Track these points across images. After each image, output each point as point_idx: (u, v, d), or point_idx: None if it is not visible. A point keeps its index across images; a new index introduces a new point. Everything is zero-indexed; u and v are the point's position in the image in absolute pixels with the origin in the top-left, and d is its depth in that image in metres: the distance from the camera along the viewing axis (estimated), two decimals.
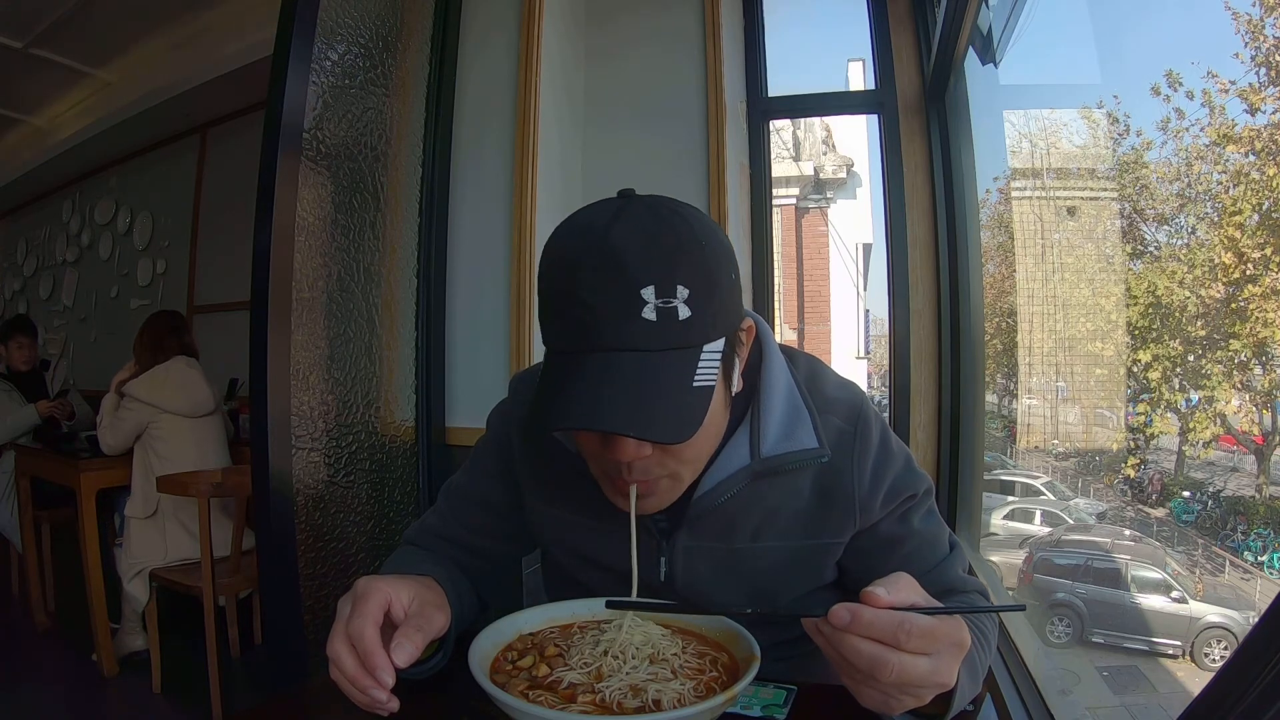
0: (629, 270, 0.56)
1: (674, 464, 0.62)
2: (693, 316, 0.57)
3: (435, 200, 1.94)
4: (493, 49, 1.97)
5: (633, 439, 0.57)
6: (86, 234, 4.74)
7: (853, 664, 0.49)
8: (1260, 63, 1.03)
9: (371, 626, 0.57)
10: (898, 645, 0.48)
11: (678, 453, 0.62)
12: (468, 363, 1.96)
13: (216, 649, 2.08)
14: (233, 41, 3.13)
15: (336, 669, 0.57)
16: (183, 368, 2.49)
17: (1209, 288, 1.22)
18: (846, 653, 0.49)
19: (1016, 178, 1.90)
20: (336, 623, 0.59)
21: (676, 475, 0.64)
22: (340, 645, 0.57)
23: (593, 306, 0.56)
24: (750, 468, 0.67)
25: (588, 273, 0.56)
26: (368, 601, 0.58)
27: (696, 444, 0.62)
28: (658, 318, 0.56)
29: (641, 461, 0.60)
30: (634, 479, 0.62)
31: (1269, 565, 1.20)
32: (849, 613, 0.49)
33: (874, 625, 0.48)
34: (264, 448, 1.41)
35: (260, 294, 1.42)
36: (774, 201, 2.36)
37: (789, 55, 2.95)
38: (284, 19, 1.48)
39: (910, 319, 1.93)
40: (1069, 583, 1.66)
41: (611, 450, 0.59)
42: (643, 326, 0.56)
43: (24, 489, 2.81)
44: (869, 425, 0.70)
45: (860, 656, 0.49)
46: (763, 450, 0.67)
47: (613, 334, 0.56)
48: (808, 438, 0.67)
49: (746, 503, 0.69)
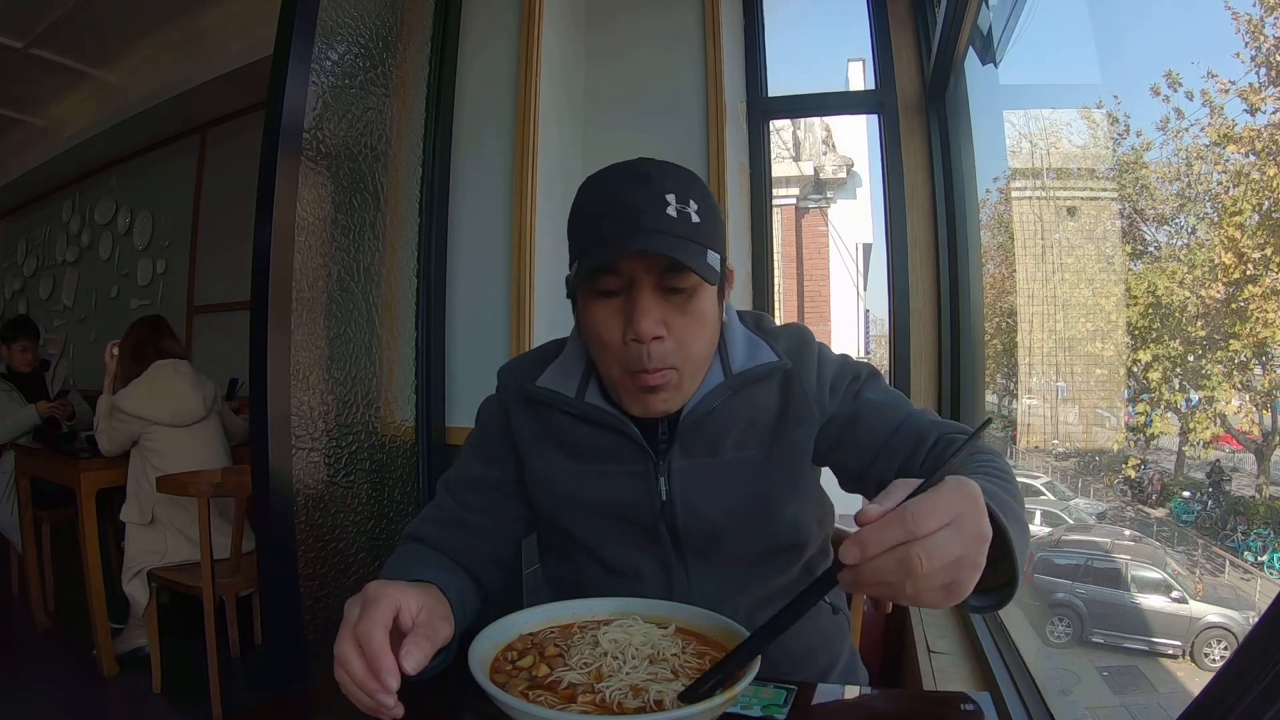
0: (653, 181, 0.72)
1: (681, 355, 0.74)
2: (701, 223, 0.72)
3: (435, 200, 1.94)
4: (493, 49, 1.97)
5: (653, 316, 0.71)
6: (86, 234, 4.74)
7: (888, 582, 0.48)
8: (1260, 63, 1.03)
9: (381, 630, 0.57)
10: (914, 536, 0.47)
11: (687, 339, 0.74)
12: (468, 363, 1.96)
13: (216, 649, 2.08)
14: (233, 41, 3.13)
15: (343, 670, 0.57)
16: (168, 375, 2.44)
17: (1209, 288, 1.22)
18: (876, 576, 0.48)
19: (1016, 178, 1.90)
20: (345, 624, 0.59)
21: (682, 371, 0.75)
22: (348, 647, 0.57)
23: (632, 204, 0.71)
24: (726, 383, 0.79)
25: (625, 184, 0.73)
26: (378, 606, 0.59)
27: (699, 339, 0.75)
28: (678, 216, 0.71)
29: (659, 344, 0.72)
30: (652, 365, 0.72)
31: (1269, 565, 1.20)
32: (853, 544, 0.49)
33: (881, 535, 0.48)
34: (264, 448, 1.42)
35: (260, 294, 1.42)
36: (774, 201, 2.36)
37: (789, 55, 2.95)
38: (284, 19, 1.48)
39: (910, 319, 1.93)
40: (1069, 583, 1.66)
41: (640, 317, 0.71)
42: (668, 220, 0.70)
43: (24, 489, 2.81)
44: (809, 343, 0.84)
45: (888, 571, 0.48)
46: (733, 368, 0.80)
47: (649, 221, 0.70)
48: (767, 355, 0.82)
49: (727, 416, 0.80)
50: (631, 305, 0.72)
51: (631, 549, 0.82)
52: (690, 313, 0.74)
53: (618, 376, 0.76)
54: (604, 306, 0.74)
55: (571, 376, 0.83)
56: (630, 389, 0.76)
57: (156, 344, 2.52)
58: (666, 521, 0.80)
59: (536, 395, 0.83)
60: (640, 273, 0.72)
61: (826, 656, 0.88)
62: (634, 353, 0.73)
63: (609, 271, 0.73)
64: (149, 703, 2.22)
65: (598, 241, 0.72)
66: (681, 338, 0.74)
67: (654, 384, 0.74)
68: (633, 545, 0.82)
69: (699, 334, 0.75)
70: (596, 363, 0.79)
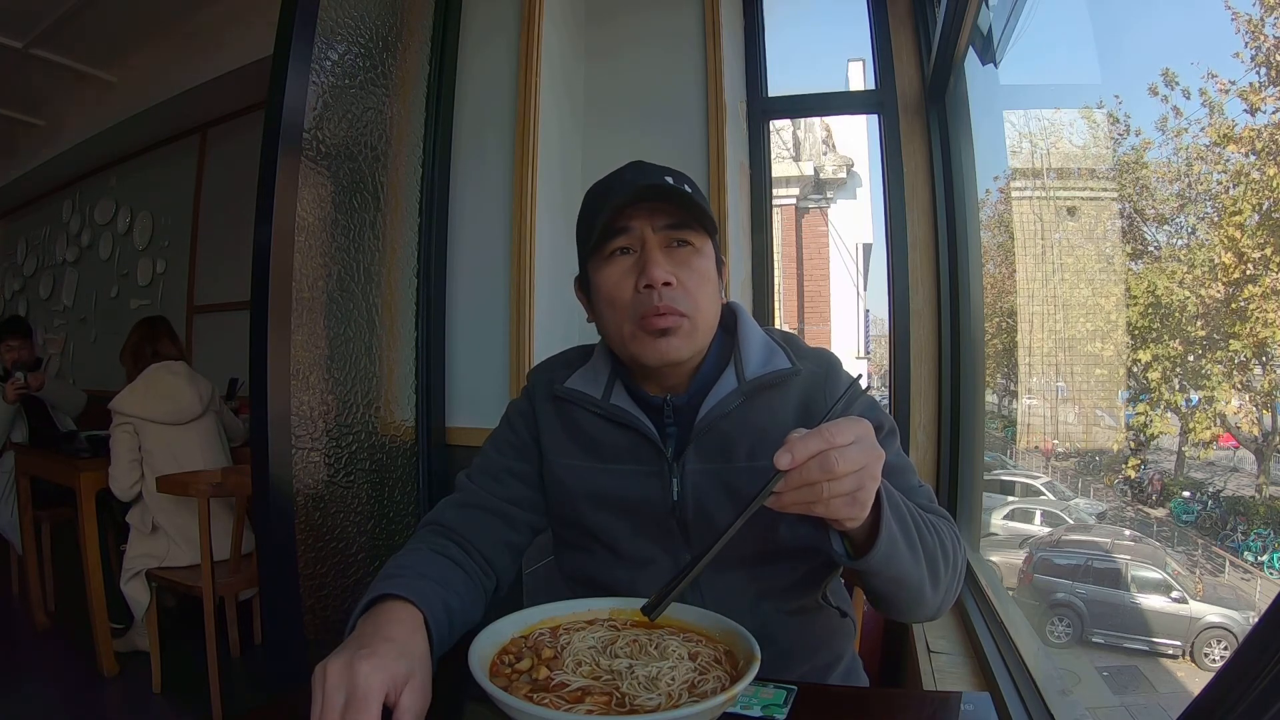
0: (649, 169, 0.82)
1: (690, 303, 0.79)
2: (696, 198, 0.79)
3: (435, 200, 1.94)
4: (493, 49, 1.97)
5: (663, 265, 0.78)
6: (86, 234, 4.73)
7: (811, 483, 0.60)
8: (1260, 62, 1.03)
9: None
10: (832, 445, 0.60)
11: (693, 290, 0.80)
12: (468, 363, 1.96)
13: (216, 649, 2.08)
14: (233, 41, 3.13)
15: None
16: (163, 375, 2.46)
17: (1209, 288, 1.22)
18: (802, 479, 0.60)
19: (1016, 178, 1.90)
20: (328, 712, 0.55)
21: (692, 319, 0.80)
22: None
23: (632, 179, 0.80)
24: (740, 388, 0.83)
25: (625, 170, 0.83)
26: (369, 703, 0.56)
27: (704, 292, 0.81)
28: (674, 184, 0.78)
29: (670, 289, 0.78)
30: (663, 308, 0.78)
31: (1269, 565, 1.20)
32: (785, 451, 0.60)
33: (806, 444, 0.60)
34: (264, 448, 1.41)
35: (260, 294, 1.42)
36: (774, 201, 2.36)
37: (789, 55, 2.95)
38: (284, 19, 1.48)
39: (910, 319, 1.93)
40: (1069, 583, 1.66)
41: (651, 266, 0.78)
42: (667, 186, 0.78)
43: (24, 489, 2.81)
44: (839, 369, 0.87)
45: (812, 472, 0.60)
46: (747, 373, 0.83)
47: (650, 182, 0.78)
48: (783, 363, 0.84)
49: (740, 422, 0.83)
50: (644, 258, 0.80)
51: (644, 541, 0.85)
52: (695, 268, 0.81)
53: (629, 330, 0.81)
54: (617, 267, 0.81)
55: (598, 379, 0.88)
56: (642, 337, 0.81)
57: (155, 348, 2.53)
58: (678, 519, 0.83)
59: (564, 395, 0.88)
60: (648, 231, 0.80)
61: (828, 655, 0.88)
62: (645, 299, 0.79)
63: (620, 232, 0.80)
64: (149, 703, 2.22)
65: (606, 207, 0.79)
66: (688, 287, 0.80)
67: (665, 326, 0.79)
68: (645, 538, 0.85)
69: (703, 287, 0.81)
70: (610, 327, 0.84)
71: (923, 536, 0.72)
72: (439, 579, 0.76)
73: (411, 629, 0.66)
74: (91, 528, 2.40)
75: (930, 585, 0.73)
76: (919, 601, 0.74)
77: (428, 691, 0.61)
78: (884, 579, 0.70)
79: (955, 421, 1.85)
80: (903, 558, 0.69)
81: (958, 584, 0.79)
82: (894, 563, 0.68)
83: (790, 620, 0.84)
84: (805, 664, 0.85)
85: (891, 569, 0.69)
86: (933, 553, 0.73)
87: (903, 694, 1.04)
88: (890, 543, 0.67)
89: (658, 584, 0.82)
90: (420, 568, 0.77)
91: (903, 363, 1.93)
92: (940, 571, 0.74)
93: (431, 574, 0.76)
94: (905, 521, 0.70)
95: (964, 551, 0.80)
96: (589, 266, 0.84)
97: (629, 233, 0.80)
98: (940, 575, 0.74)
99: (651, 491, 0.83)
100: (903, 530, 0.69)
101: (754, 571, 0.82)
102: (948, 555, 0.76)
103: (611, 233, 0.80)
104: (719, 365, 0.86)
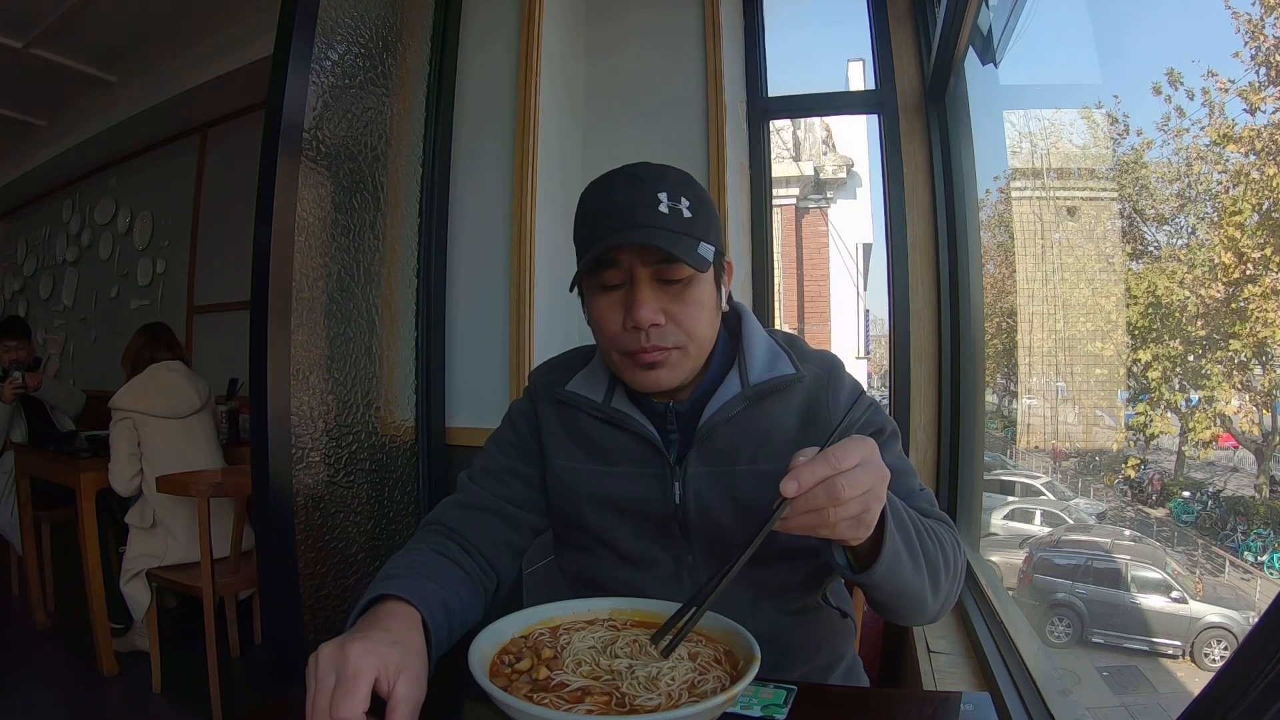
0: (647, 184, 0.77)
1: (682, 336, 0.78)
2: (693, 218, 0.77)
3: (435, 200, 1.94)
4: (493, 49, 1.97)
5: (651, 306, 0.76)
6: (86, 234, 4.73)
7: (817, 509, 0.60)
8: (1260, 62, 1.03)
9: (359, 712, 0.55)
10: (838, 470, 0.59)
11: (685, 322, 0.78)
12: (468, 363, 1.96)
13: (216, 649, 2.08)
14: (233, 41, 3.13)
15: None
16: (162, 373, 2.49)
17: (1209, 288, 1.22)
18: (808, 505, 0.60)
19: (1016, 178, 1.90)
20: (320, 690, 0.56)
21: (684, 349, 0.79)
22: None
23: (625, 202, 0.76)
24: (743, 393, 0.82)
25: (619, 185, 0.79)
26: (357, 683, 0.56)
27: (699, 321, 0.79)
28: (669, 212, 0.76)
29: (658, 329, 0.77)
30: (651, 344, 0.77)
31: (1269, 565, 1.20)
32: (791, 478, 0.59)
33: (812, 470, 0.59)
34: (264, 448, 1.41)
35: (260, 294, 1.42)
36: (774, 201, 2.36)
37: (789, 55, 2.94)
38: (284, 19, 1.48)
39: (910, 319, 1.93)
40: (1069, 583, 1.66)
41: (637, 307, 0.76)
42: (660, 216, 0.75)
43: (24, 489, 2.81)
44: (841, 373, 0.86)
45: (818, 498, 0.59)
46: (750, 379, 0.83)
47: (642, 217, 0.75)
48: (786, 368, 0.84)
49: (743, 426, 0.82)
50: (631, 297, 0.78)
51: (645, 542, 0.85)
52: (687, 300, 0.79)
53: (618, 360, 0.81)
54: (606, 299, 0.80)
55: (600, 382, 0.88)
56: (630, 367, 0.81)
57: (154, 355, 2.55)
58: (679, 521, 0.83)
59: (565, 398, 0.89)
60: (638, 266, 0.77)
61: (828, 655, 0.89)
62: (633, 337, 0.78)
63: (609, 266, 0.78)
64: (149, 703, 2.22)
65: (596, 238, 0.77)
66: (680, 321, 0.79)
67: (651, 360, 0.79)
68: (646, 539, 0.85)
69: (698, 317, 0.80)
70: (601, 347, 0.84)
71: (925, 546, 0.72)
72: (439, 579, 0.76)
73: (408, 626, 0.66)
74: (91, 528, 2.40)
75: (931, 593, 0.73)
76: (919, 609, 0.75)
77: (423, 684, 0.61)
78: (886, 591, 0.70)
79: (955, 421, 1.85)
80: (905, 570, 0.69)
81: (957, 589, 0.79)
82: (897, 576, 0.68)
83: (790, 620, 0.84)
84: (805, 664, 0.85)
85: (894, 582, 0.69)
86: (934, 562, 0.73)
87: (903, 694, 1.04)
88: (893, 556, 0.67)
89: (659, 584, 0.83)
90: (420, 568, 0.77)
91: (903, 363, 1.93)
92: (941, 579, 0.74)
93: (431, 574, 0.76)
94: (909, 533, 0.70)
95: (964, 556, 0.80)
96: (583, 282, 0.83)
97: (618, 266, 0.78)
98: (941, 583, 0.74)
99: (653, 494, 0.84)
100: (906, 543, 0.69)
101: (754, 572, 0.82)
102: (949, 562, 0.76)
103: (601, 263, 0.78)
104: (723, 369, 0.86)
